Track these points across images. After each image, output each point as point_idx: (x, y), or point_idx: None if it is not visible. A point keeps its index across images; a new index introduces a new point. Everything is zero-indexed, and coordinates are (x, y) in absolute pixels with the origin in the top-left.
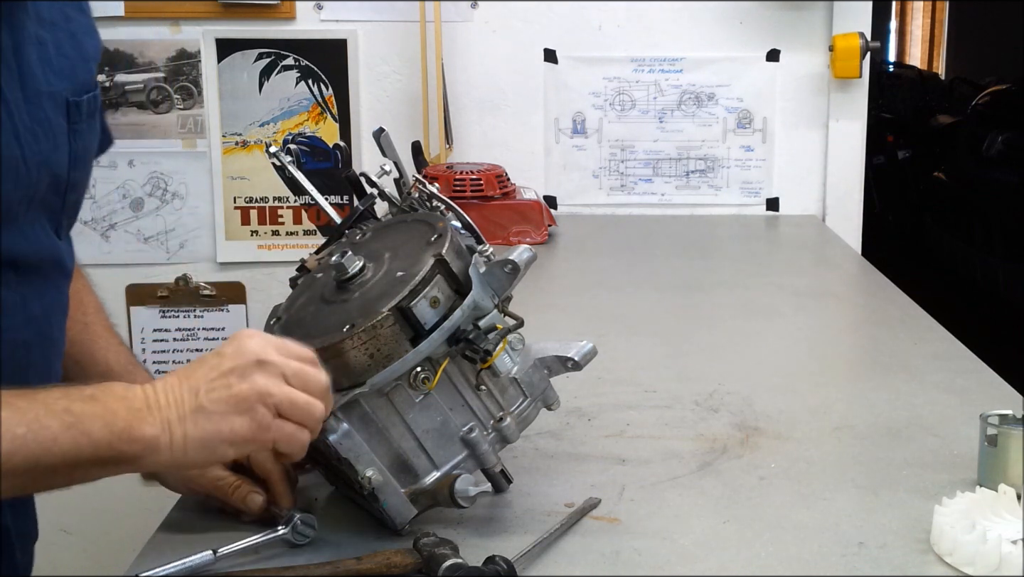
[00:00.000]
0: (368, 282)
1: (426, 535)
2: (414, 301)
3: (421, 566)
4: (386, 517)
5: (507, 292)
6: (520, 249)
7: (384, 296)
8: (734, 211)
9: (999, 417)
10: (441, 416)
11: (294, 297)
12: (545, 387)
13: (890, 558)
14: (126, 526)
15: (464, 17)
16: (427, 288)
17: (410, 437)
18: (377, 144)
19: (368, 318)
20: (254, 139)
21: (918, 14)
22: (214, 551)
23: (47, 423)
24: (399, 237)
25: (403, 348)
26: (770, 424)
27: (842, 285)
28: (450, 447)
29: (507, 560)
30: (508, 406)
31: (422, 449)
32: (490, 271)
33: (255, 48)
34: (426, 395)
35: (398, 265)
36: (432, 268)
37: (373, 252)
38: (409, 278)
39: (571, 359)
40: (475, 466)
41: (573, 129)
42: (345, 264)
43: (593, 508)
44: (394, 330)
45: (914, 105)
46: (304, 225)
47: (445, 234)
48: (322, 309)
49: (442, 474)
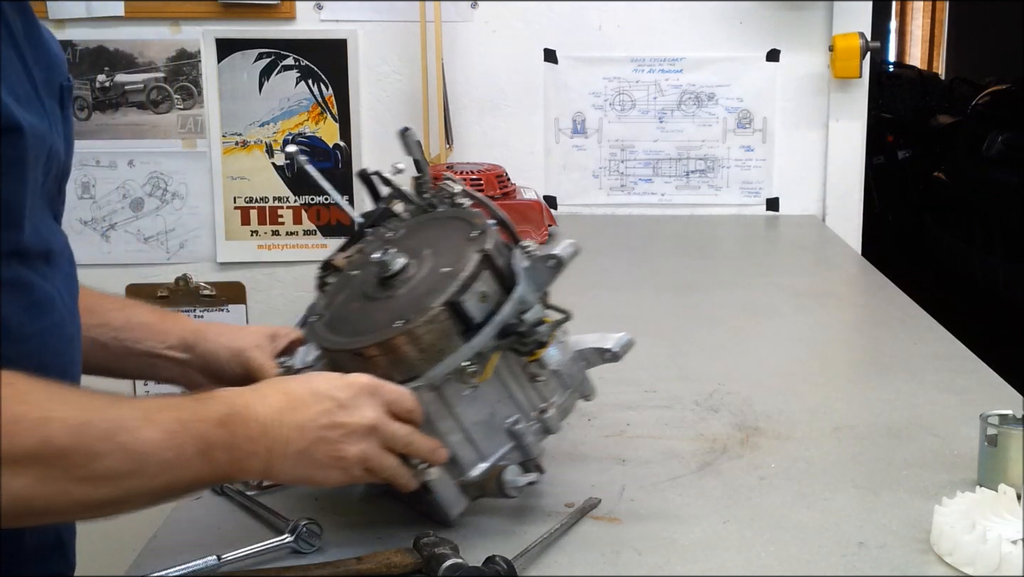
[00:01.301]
0: (412, 279)
1: (426, 535)
2: (464, 296)
3: (421, 566)
4: (438, 509)
5: (549, 286)
6: (564, 244)
7: (433, 292)
8: (734, 211)
9: (999, 417)
10: (488, 408)
11: (332, 294)
12: (583, 378)
13: (890, 558)
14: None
15: (464, 17)
16: (475, 283)
17: (458, 430)
18: (402, 142)
19: (420, 313)
20: (254, 139)
21: (918, 14)
22: (218, 557)
23: (188, 450)
24: (436, 234)
25: (454, 342)
26: (770, 424)
27: (842, 285)
28: (496, 438)
29: (507, 560)
30: (549, 397)
31: (470, 441)
32: (534, 266)
33: (255, 48)
34: (474, 388)
35: (442, 261)
36: (479, 263)
37: (411, 249)
38: (456, 273)
39: (609, 350)
40: (520, 457)
41: (573, 129)
42: (388, 261)
43: (593, 508)
44: (447, 325)
45: (914, 105)
46: (304, 225)
47: (487, 230)
48: (366, 306)
49: (489, 465)
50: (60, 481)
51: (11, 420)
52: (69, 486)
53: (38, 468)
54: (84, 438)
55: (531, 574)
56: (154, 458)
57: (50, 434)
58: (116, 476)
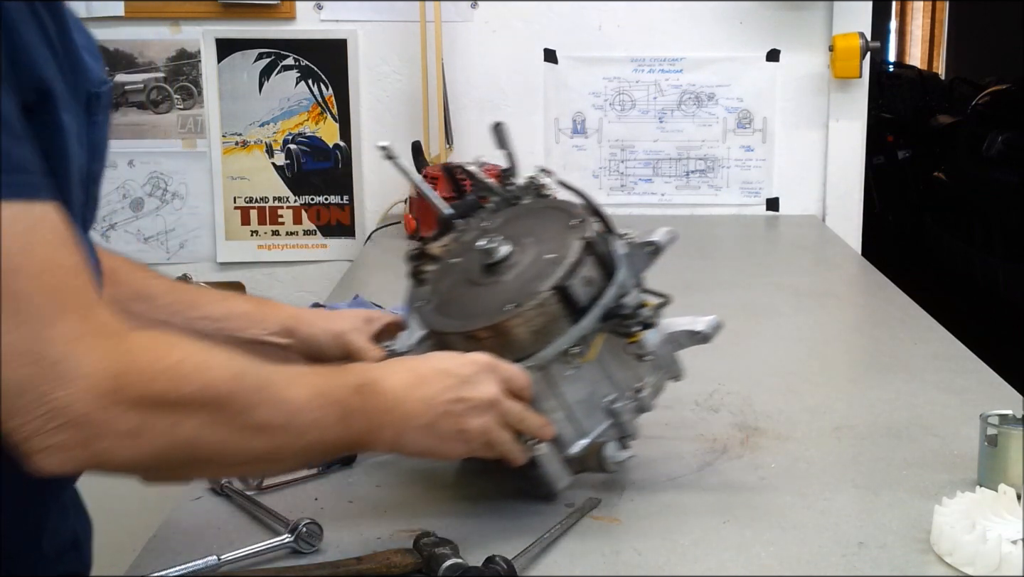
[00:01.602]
0: (517, 265)
1: (426, 535)
2: (571, 281)
3: (421, 566)
4: (543, 483)
5: (647, 270)
6: (662, 231)
7: (540, 277)
8: (734, 211)
9: (999, 417)
10: (589, 388)
11: (436, 281)
12: (673, 359)
13: (890, 558)
14: (125, 527)
15: (464, 17)
16: (580, 268)
17: (561, 408)
18: (495, 135)
19: (531, 297)
20: (254, 139)
21: (918, 14)
22: (218, 557)
23: (330, 413)
24: (535, 223)
25: (561, 325)
26: (770, 424)
27: (842, 285)
28: (596, 416)
29: (507, 560)
30: (643, 377)
31: (571, 419)
32: (632, 252)
33: (255, 48)
34: (577, 369)
35: (545, 249)
36: (582, 250)
37: (512, 237)
38: (561, 260)
39: (700, 332)
40: (617, 434)
41: (573, 129)
42: (494, 249)
43: (593, 508)
44: (555, 308)
45: (914, 105)
46: (304, 225)
47: (587, 219)
48: (473, 291)
49: (589, 442)
50: (221, 428)
51: (172, 365)
52: (230, 434)
53: (202, 413)
54: (241, 386)
55: (531, 574)
56: (302, 416)
57: (211, 379)
58: (270, 428)
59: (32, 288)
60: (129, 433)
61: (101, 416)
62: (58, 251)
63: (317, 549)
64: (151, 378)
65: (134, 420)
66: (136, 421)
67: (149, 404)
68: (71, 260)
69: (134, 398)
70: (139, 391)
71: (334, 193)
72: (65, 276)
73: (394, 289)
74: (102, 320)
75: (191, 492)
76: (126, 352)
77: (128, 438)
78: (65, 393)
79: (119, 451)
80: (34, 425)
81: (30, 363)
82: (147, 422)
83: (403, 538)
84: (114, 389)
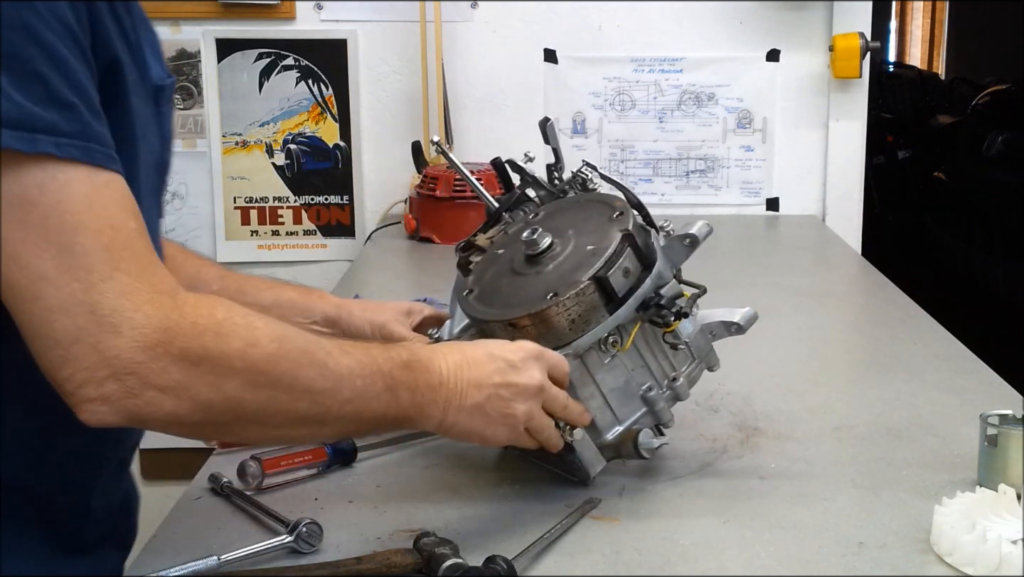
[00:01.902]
0: (559, 256)
1: (426, 535)
2: (609, 271)
3: (421, 566)
4: (579, 469)
5: (684, 262)
6: (699, 224)
7: (581, 267)
8: (734, 211)
9: (999, 417)
10: (625, 376)
11: (480, 271)
12: (709, 350)
13: (890, 558)
14: None
15: (464, 17)
16: (619, 259)
17: (597, 395)
18: (542, 131)
19: (570, 287)
20: (254, 139)
21: (918, 14)
22: (218, 557)
23: (378, 382)
24: (577, 215)
25: (600, 314)
26: (770, 424)
27: (842, 285)
28: (631, 404)
29: (507, 560)
30: (679, 367)
31: (607, 406)
32: (670, 244)
33: (255, 48)
34: (614, 356)
35: (586, 240)
36: (622, 241)
37: (555, 229)
38: (601, 251)
39: (735, 323)
40: (652, 422)
41: (573, 129)
42: (537, 240)
43: (593, 508)
44: (594, 298)
45: (914, 105)
46: (304, 225)
47: (627, 211)
48: (516, 280)
49: (624, 429)
50: (266, 388)
51: (219, 322)
52: (275, 393)
53: (247, 372)
54: (286, 347)
55: (531, 574)
56: (348, 382)
57: (256, 338)
58: (315, 391)
59: (91, 244)
60: (174, 386)
61: (147, 367)
62: (119, 213)
63: (317, 549)
64: (198, 333)
65: (179, 373)
66: (181, 375)
67: (194, 358)
68: (131, 224)
69: (180, 351)
70: (185, 344)
71: (334, 193)
72: (123, 236)
73: (394, 289)
74: (156, 278)
75: (191, 492)
76: (175, 308)
77: (173, 391)
78: (115, 344)
79: (163, 403)
80: (84, 375)
81: (84, 313)
82: (192, 376)
83: (403, 538)
84: (161, 341)
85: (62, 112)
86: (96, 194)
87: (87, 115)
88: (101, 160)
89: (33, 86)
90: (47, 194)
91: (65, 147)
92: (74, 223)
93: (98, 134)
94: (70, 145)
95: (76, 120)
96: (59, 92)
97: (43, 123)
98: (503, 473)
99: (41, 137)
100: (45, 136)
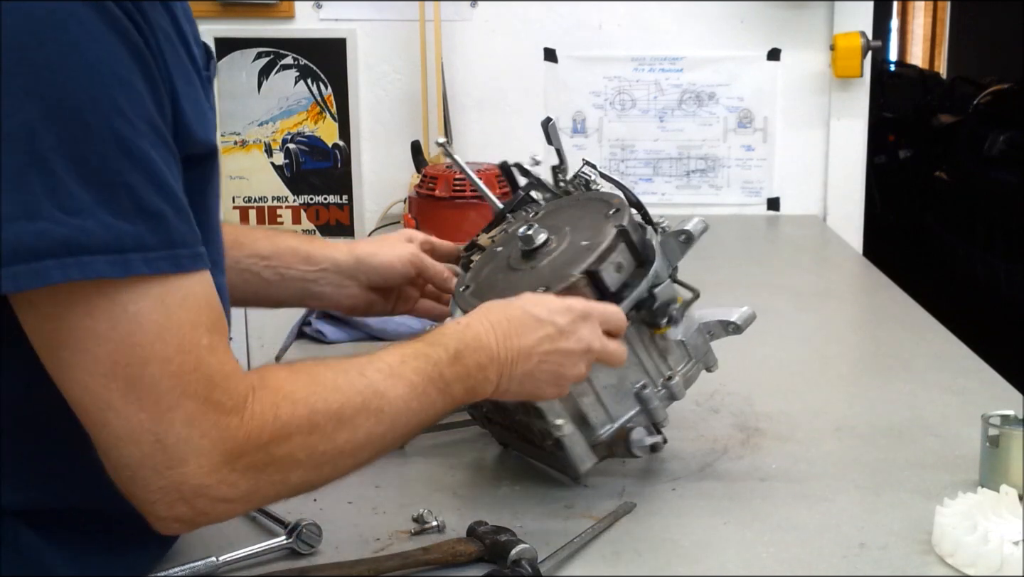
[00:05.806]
0: (554, 251)
1: (480, 524)
2: (602, 266)
3: (484, 554)
4: (568, 465)
5: (680, 259)
6: (694, 220)
7: (573, 262)
8: (735, 211)
9: (1001, 418)
10: (618, 373)
11: (478, 268)
12: (706, 350)
13: (891, 559)
14: None
15: (464, 17)
16: (612, 254)
17: (590, 392)
18: (544, 132)
19: (561, 281)
20: (253, 139)
21: (919, 13)
22: (217, 558)
23: (431, 393)
24: (575, 213)
25: None
26: (771, 424)
27: (843, 285)
28: (625, 402)
29: (533, 562)
30: (675, 366)
31: (600, 403)
32: (665, 241)
33: (254, 47)
34: None
35: (581, 236)
36: (616, 237)
37: (552, 226)
38: (595, 246)
39: (732, 323)
40: (646, 421)
41: (573, 129)
42: (532, 236)
43: (628, 512)
44: (585, 292)
45: (915, 104)
46: (303, 225)
47: (623, 208)
48: (510, 275)
49: (617, 427)
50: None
51: (283, 425)
52: (338, 461)
53: (309, 460)
54: (346, 414)
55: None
56: (404, 414)
57: (316, 423)
58: (374, 438)
59: (159, 372)
60: (243, 496)
61: (215, 489)
62: (191, 333)
63: (316, 550)
64: (263, 445)
65: (246, 484)
66: (248, 484)
67: (260, 466)
68: (203, 341)
69: (246, 466)
70: (250, 459)
71: (333, 193)
72: (193, 359)
73: None
74: (225, 396)
75: None
76: (240, 426)
77: (242, 500)
78: (182, 471)
79: (233, 509)
80: (153, 496)
81: (151, 442)
82: (259, 482)
83: (403, 538)
84: (227, 462)
85: (148, 222)
86: (168, 320)
87: (173, 220)
88: (188, 264)
89: (121, 198)
90: (117, 327)
91: (153, 262)
92: (143, 356)
93: (184, 237)
94: (158, 259)
95: (163, 229)
96: (147, 200)
97: (132, 240)
98: (503, 473)
99: (132, 256)
100: (135, 254)
